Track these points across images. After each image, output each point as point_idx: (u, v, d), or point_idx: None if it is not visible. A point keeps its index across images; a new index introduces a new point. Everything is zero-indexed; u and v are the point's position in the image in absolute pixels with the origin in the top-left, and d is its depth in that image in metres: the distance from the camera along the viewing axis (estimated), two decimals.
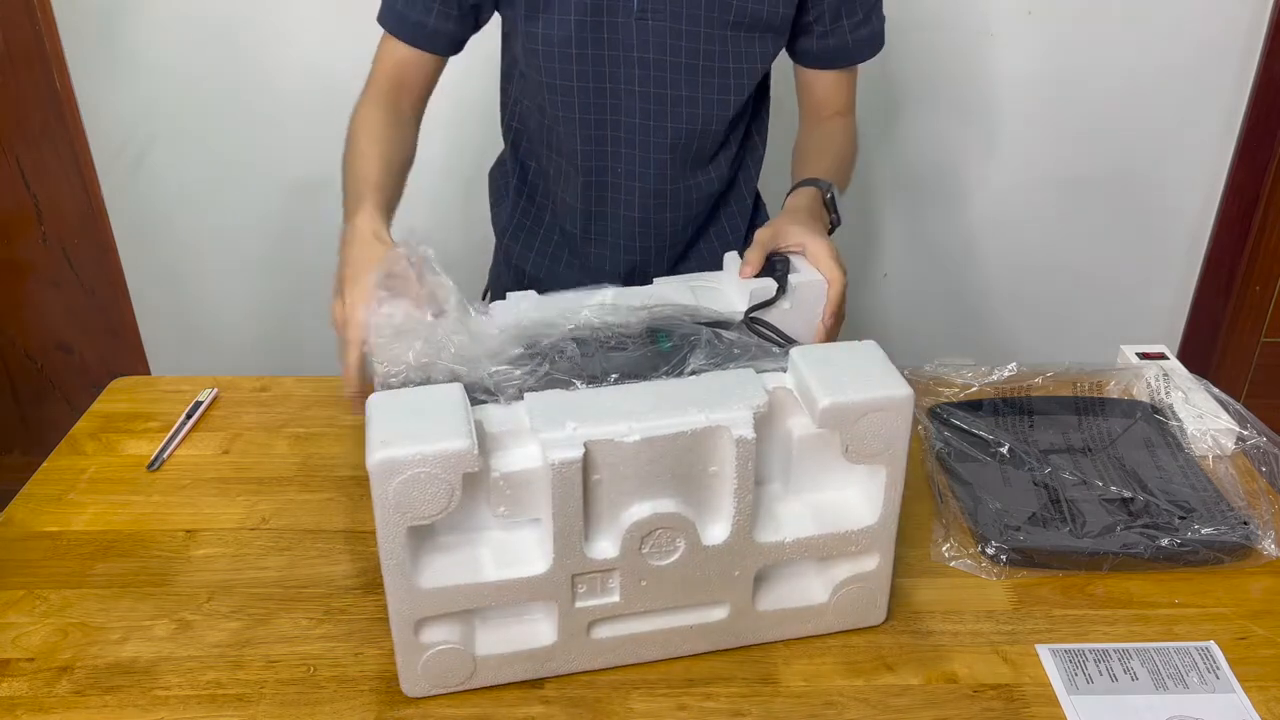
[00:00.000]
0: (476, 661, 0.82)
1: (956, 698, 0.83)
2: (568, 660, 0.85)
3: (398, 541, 0.76)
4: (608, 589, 0.82)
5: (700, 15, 1.11)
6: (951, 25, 1.85)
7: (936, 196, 2.01)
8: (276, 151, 1.91)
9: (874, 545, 0.86)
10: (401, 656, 0.81)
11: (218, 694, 0.83)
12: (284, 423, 1.16)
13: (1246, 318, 2.11)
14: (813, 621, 0.88)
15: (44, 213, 2.01)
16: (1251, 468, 1.07)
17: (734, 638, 0.87)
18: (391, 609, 0.79)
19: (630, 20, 1.10)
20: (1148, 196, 2.01)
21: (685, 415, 0.78)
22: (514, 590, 0.81)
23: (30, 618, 0.90)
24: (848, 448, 0.81)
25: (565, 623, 0.83)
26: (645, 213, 1.23)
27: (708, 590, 0.84)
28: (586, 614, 0.83)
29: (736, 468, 0.79)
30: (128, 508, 1.04)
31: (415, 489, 0.74)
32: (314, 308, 2.07)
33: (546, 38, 1.11)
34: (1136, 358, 1.22)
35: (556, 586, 0.81)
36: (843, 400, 0.79)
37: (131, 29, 1.83)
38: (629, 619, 0.85)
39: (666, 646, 0.86)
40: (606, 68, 1.13)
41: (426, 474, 0.74)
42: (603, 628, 0.84)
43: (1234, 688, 0.83)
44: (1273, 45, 1.86)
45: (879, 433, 0.80)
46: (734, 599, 0.85)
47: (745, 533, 0.82)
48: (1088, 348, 2.01)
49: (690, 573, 0.83)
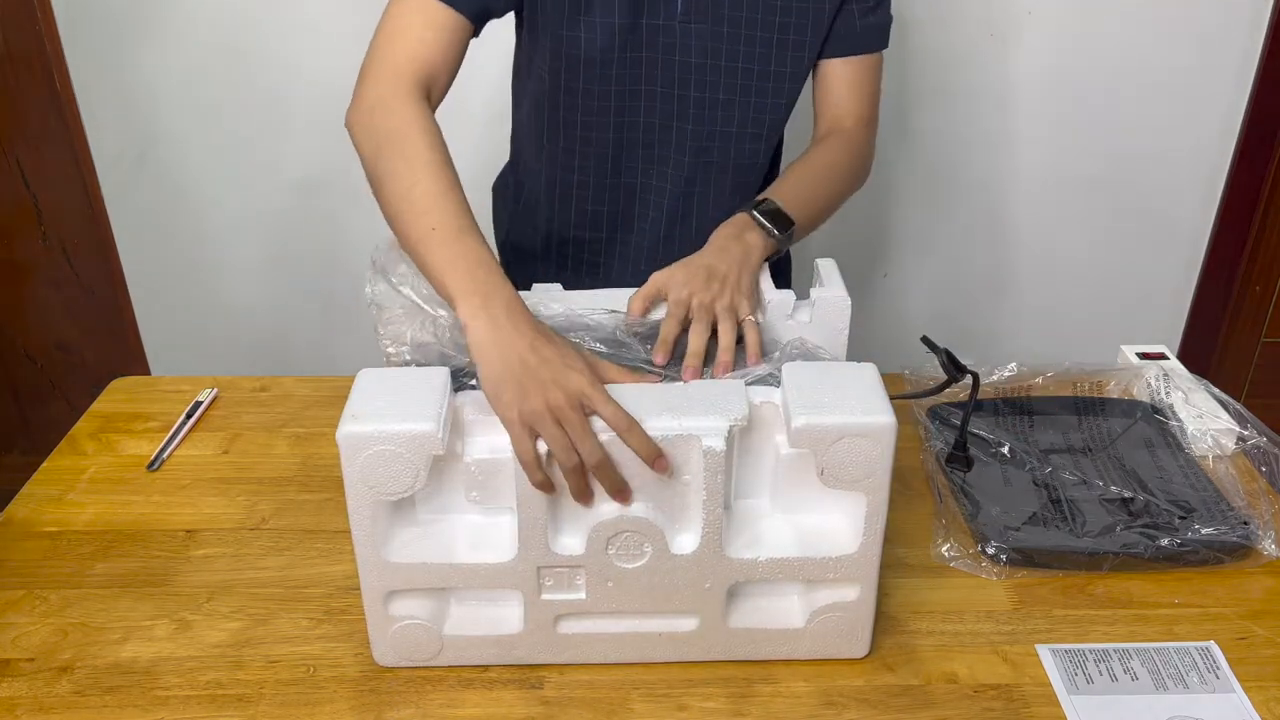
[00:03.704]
0: (444, 640, 0.83)
1: (956, 698, 0.83)
2: (534, 651, 0.85)
3: (364, 513, 0.78)
4: (574, 585, 0.83)
5: (742, 17, 1.08)
6: (951, 25, 1.84)
7: (936, 196, 2.01)
8: (277, 151, 1.91)
9: (854, 575, 0.83)
10: (372, 626, 0.83)
11: (218, 694, 0.83)
12: (284, 423, 1.16)
13: (1246, 318, 2.11)
14: (789, 645, 0.86)
15: (44, 213, 2.01)
16: (1251, 468, 1.07)
17: (704, 651, 0.86)
18: (361, 578, 0.81)
19: (673, 23, 1.08)
20: (1148, 196, 2.01)
21: (659, 420, 0.78)
22: (481, 575, 0.82)
23: (30, 618, 0.90)
24: (823, 471, 0.79)
25: (532, 613, 0.83)
26: (670, 225, 1.20)
27: (677, 600, 0.83)
28: (553, 607, 0.83)
29: (705, 479, 0.78)
30: (128, 508, 1.04)
31: (380, 465, 0.76)
32: (314, 308, 2.08)
33: (589, 41, 1.08)
34: (1136, 358, 1.22)
35: (522, 577, 0.81)
36: (817, 421, 0.77)
37: (131, 29, 1.83)
38: (596, 618, 0.85)
39: (635, 651, 0.86)
40: (643, 69, 1.10)
41: (391, 452, 0.76)
42: (570, 623, 0.85)
43: (1234, 688, 0.83)
44: (1273, 45, 1.85)
45: (857, 460, 0.78)
46: (704, 612, 0.84)
47: (715, 546, 0.81)
48: (1088, 348, 2.01)
49: (658, 580, 0.82)
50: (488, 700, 0.82)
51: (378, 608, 0.83)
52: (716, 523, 0.80)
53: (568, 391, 0.77)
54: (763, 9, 1.09)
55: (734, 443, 0.79)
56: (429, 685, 0.84)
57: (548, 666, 0.85)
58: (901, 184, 1.99)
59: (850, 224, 2.02)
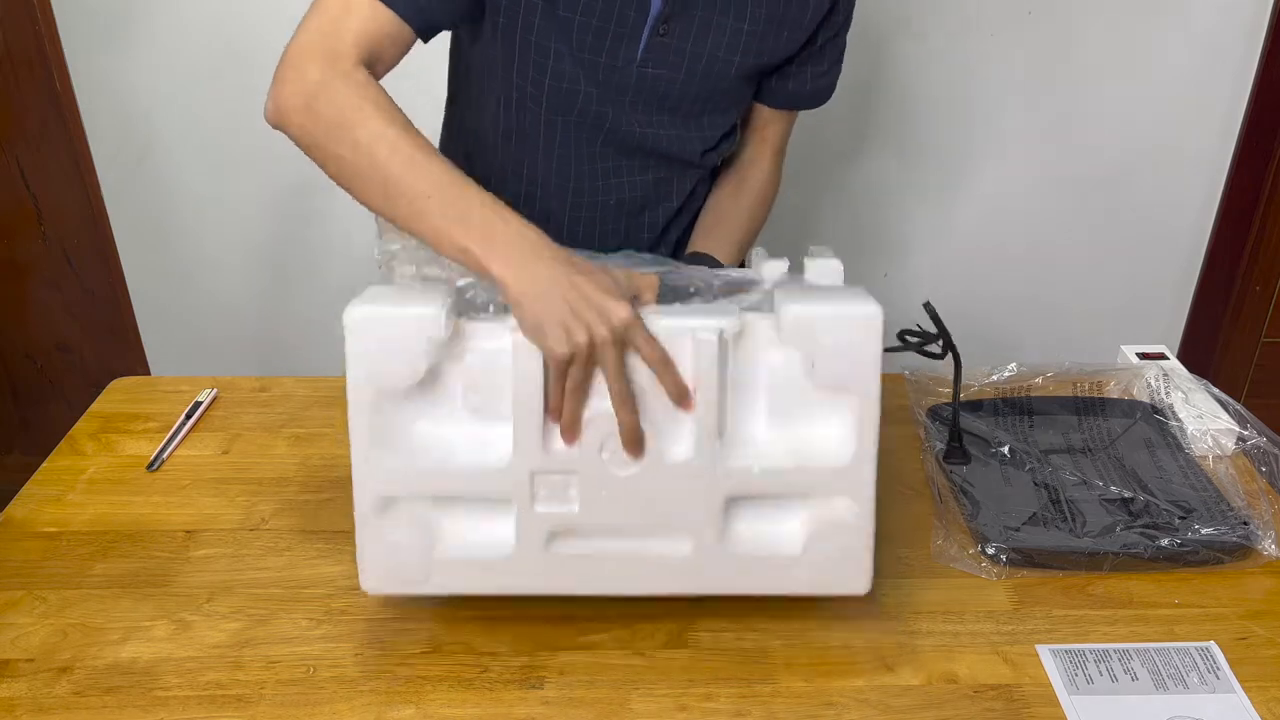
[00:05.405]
0: (434, 564, 0.84)
1: (956, 698, 0.83)
2: (525, 575, 0.84)
3: (364, 409, 0.81)
4: (568, 497, 0.83)
5: (699, 69, 1.08)
6: (952, 25, 1.85)
7: (936, 196, 2.01)
8: (276, 152, 1.89)
9: (848, 489, 0.84)
10: (361, 547, 0.84)
11: (218, 694, 0.83)
12: (284, 423, 1.16)
13: (1246, 318, 2.11)
14: (787, 576, 0.85)
15: (44, 213, 2.02)
16: (1251, 468, 1.07)
17: (700, 581, 0.85)
18: (355, 488, 0.82)
19: (631, 66, 1.06)
20: (1148, 196, 2.01)
21: (654, 321, 0.81)
22: (475, 479, 0.83)
23: (30, 618, 0.90)
24: (814, 364, 0.81)
25: (524, 529, 0.83)
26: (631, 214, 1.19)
27: (671, 516, 0.83)
28: (546, 521, 0.83)
29: (700, 375, 0.81)
30: (127, 508, 1.04)
31: (384, 350, 0.81)
32: (314, 308, 2.08)
33: (558, 52, 1.05)
34: (1136, 358, 1.22)
35: (516, 483, 0.82)
36: (806, 311, 0.81)
37: (131, 29, 1.83)
38: (589, 536, 0.84)
39: (630, 579, 0.85)
40: (593, 106, 1.09)
41: (397, 335, 0.80)
42: (562, 543, 0.84)
43: (1234, 688, 0.83)
44: (1273, 45, 1.86)
45: (845, 352, 0.81)
46: (700, 533, 0.84)
47: (709, 452, 0.82)
48: (1088, 348, 2.01)
49: (652, 490, 0.83)
50: (488, 700, 0.82)
51: (369, 522, 0.83)
52: (712, 426, 0.82)
53: (611, 327, 0.79)
54: (719, 61, 1.09)
55: (727, 351, 0.82)
56: (429, 685, 0.84)
57: (547, 667, 0.85)
58: (901, 184, 2.00)
59: (850, 224, 2.03)
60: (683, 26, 1.05)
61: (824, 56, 1.16)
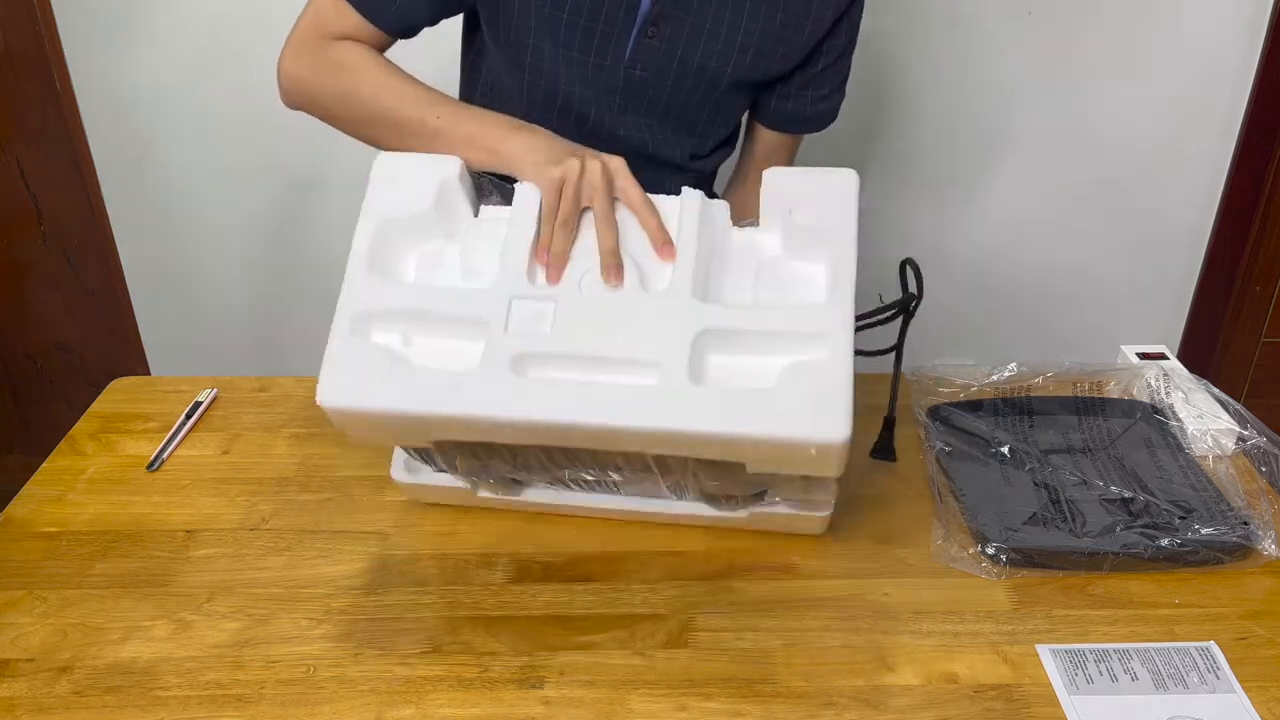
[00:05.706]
0: (394, 380, 0.82)
1: (956, 698, 0.83)
2: (486, 401, 0.81)
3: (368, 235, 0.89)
4: (541, 325, 0.85)
5: (684, 91, 1.10)
6: (952, 25, 1.84)
7: (936, 196, 2.01)
8: (276, 151, 1.91)
9: (823, 326, 0.82)
10: (327, 361, 0.84)
11: (218, 694, 0.83)
12: (284, 423, 1.16)
13: (1246, 318, 2.11)
14: (761, 414, 0.79)
15: (44, 213, 2.01)
16: (1251, 468, 1.07)
17: (667, 415, 0.79)
18: (339, 306, 0.86)
19: (619, 66, 1.07)
20: (1148, 196, 2.01)
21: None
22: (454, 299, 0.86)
23: (30, 618, 0.90)
24: (791, 210, 0.87)
25: (492, 350, 0.83)
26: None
27: (642, 346, 0.82)
28: (515, 341, 0.83)
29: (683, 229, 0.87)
30: (127, 508, 1.04)
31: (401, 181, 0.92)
32: (314, 308, 2.07)
33: (553, 53, 1.07)
34: (1136, 358, 1.22)
35: (494, 306, 0.85)
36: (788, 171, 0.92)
37: (131, 30, 1.83)
38: (557, 361, 0.83)
39: (593, 408, 0.80)
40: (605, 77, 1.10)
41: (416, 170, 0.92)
42: (529, 367, 0.83)
43: (1234, 688, 0.83)
44: (1273, 46, 1.85)
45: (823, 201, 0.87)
46: (670, 365, 0.81)
47: (685, 290, 0.85)
48: (1088, 348, 2.01)
49: (626, 318, 0.84)
50: (488, 700, 0.82)
51: (341, 337, 0.85)
52: (688, 271, 0.86)
53: (602, 161, 0.89)
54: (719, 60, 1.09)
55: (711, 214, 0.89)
56: (429, 685, 0.84)
57: (547, 667, 0.85)
58: (901, 184, 1.99)
59: None
60: (673, 30, 1.05)
61: (825, 80, 1.16)
